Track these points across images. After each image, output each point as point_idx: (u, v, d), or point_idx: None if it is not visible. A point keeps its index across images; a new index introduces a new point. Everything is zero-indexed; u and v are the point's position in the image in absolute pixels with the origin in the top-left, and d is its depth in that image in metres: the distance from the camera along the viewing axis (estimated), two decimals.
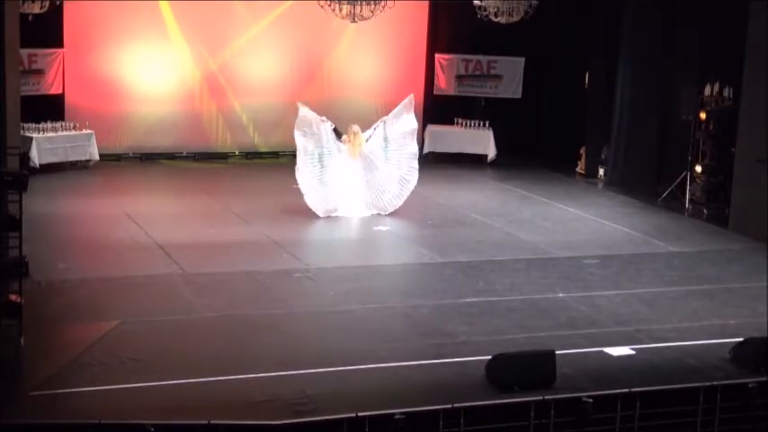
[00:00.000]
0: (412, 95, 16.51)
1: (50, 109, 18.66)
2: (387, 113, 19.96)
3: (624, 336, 10.90)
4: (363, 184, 15.83)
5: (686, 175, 17.29)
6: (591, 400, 8.89)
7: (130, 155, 19.77)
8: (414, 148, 16.18)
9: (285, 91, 20.41)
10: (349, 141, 15.69)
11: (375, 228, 15.37)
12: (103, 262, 12.99)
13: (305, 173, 15.51)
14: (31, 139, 17.69)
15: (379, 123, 15.97)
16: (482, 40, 20.75)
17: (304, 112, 15.67)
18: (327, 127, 15.64)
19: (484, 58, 21.33)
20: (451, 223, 15.82)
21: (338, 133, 15.72)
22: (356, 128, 15.82)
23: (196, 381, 9.27)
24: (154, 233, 14.25)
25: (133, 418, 8.28)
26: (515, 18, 17.88)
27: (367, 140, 15.79)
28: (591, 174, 19.63)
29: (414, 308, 11.65)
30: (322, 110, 19.83)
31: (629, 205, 17.46)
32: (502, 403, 8.89)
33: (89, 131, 18.64)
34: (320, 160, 15.56)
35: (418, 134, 20.78)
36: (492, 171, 20.11)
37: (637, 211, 17.10)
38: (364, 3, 16.68)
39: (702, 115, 17.04)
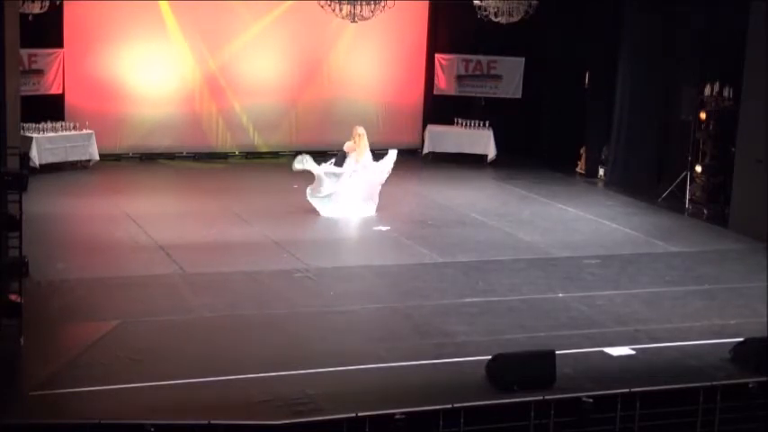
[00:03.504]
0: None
1: (50, 109, 18.64)
2: (386, 114, 20.24)
3: (624, 336, 10.91)
4: (363, 183, 15.86)
5: (686, 175, 17.28)
6: (591, 400, 8.89)
7: (130, 155, 19.76)
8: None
9: (285, 91, 20.42)
10: (353, 142, 15.73)
11: (375, 228, 15.37)
12: (103, 262, 12.99)
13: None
14: (31, 139, 17.67)
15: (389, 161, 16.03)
16: (482, 40, 20.76)
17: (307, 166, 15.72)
18: (329, 167, 15.68)
19: (484, 58, 21.32)
20: (451, 223, 15.81)
21: (341, 156, 15.77)
22: (361, 130, 15.84)
23: (196, 381, 9.27)
24: (154, 233, 14.24)
25: (133, 418, 8.29)
26: (515, 18, 17.86)
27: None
28: (591, 174, 19.62)
29: (414, 308, 11.65)
30: (322, 110, 20.11)
31: (630, 205, 17.45)
32: (502, 403, 8.90)
33: (89, 131, 18.62)
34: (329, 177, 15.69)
35: (418, 134, 20.94)
36: (492, 171, 20.10)
37: (637, 211, 17.09)
38: (364, 3, 16.66)
39: (702, 115, 17.03)
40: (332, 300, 11.93)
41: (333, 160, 15.89)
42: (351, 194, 15.77)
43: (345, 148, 15.84)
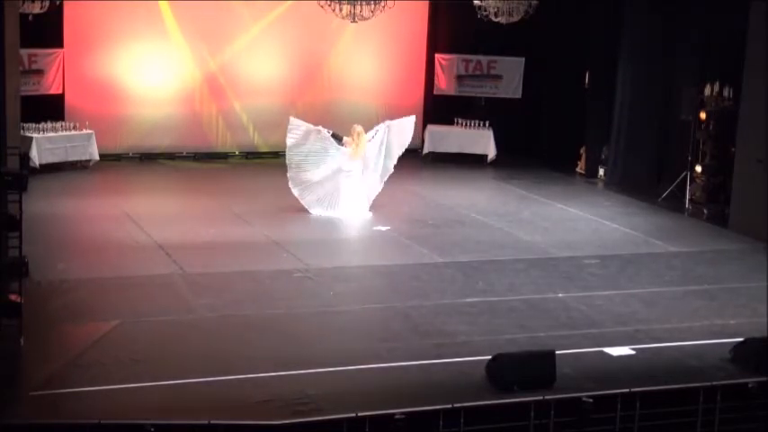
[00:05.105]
0: (414, 117, 16.53)
1: (50, 109, 18.64)
2: (386, 114, 20.14)
3: (624, 336, 10.91)
4: (362, 182, 15.88)
5: (686, 175, 17.29)
6: (591, 400, 8.89)
7: (130, 155, 19.77)
8: (391, 166, 16.17)
9: (285, 91, 20.43)
10: (353, 142, 15.72)
11: (375, 228, 15.37)
12: (103, 262, 12.99)
13: (298, 173, 15.61)
14: (31, 139, 17.67)
15: (383, 127, 16.00)
16: (482, 40, 20.76)
17: (297, 122, 15.74)
18: (324, 134, 15.66)
19: (484, 58, 21.33)
20: (451, 223, 15.82)
21: (337, 137, 15.74)
22: (359, 128, 15.84)
23: (196, 381, 9.27)
24: (154, 233, 14.25)
25: (133, 418, 8.28)
26: (515, 18, 17.88)
27: (370, 140, 15.84)
28: (591, 174, 19.62)
29: (414, 308, 11.65)
30: (322, 110, 20.01)
31: (630, 205, 17.46)
32: (502, 403, 8.90)
33: (89, 131, 18.63)
34: (314, 161, 15.61)
35: (418, 134, 20.91)
36: (492, 171, 20.11)
37: (637, 211, 17.10)
38: (364, 3, 16.68)
39: (702, 115, 17.04)
40: (332, 300, 11.93)
41: (330, 132, 15.85)
42: (347, 194, 15.76)
43: (344, 141, 15.81)
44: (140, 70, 19.51)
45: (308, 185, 15.71)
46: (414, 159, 20.15)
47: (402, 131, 16.21)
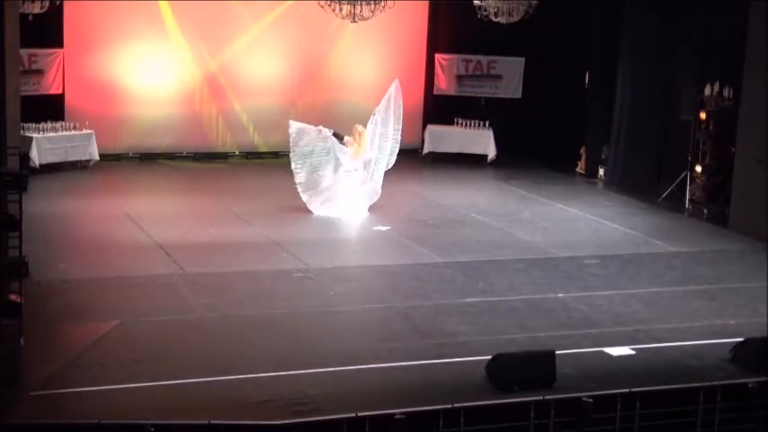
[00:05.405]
0: (397, 81, 16.47)
1: (50, 109, 18.63)
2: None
3: (624, 336, 10.91)
4: (363, 181, 15.87)
5: (686, 175, 17.29)
6: (591, 400, 8.89)
7: (130, 155, 19.76)
8: (399, 135, 16.19)
9: (285, 91, 20.43)
10: (355, 142, 15.71)
11: (375, 228, 15.37)
12: (103, 262, 12.99)
13: (301, 173, 15.62)
14: (31, 139, 17.67)
15: (376, 117, 15.95)
16: (482, 40, 20.76)
17: (296, 124, 15.76)
18: (326, 133, 15.67)
19: (484, 58, 21.33)
20: (451, 223, 15.82)
21: (339, 137, 15.74)
22: (361, 128, 15.83)
23: (196, 381, 9.28)
24: (154, 233, 14.25)
25: (133, 418, 8.29)
26: (515, 18, 17.89)
27: (371, 137, 15.83)
28: (591, 174, 19.62)
29: (414, 308, 11.65)
30: (322, 110, 20.02)
31: (629, 205, 17.46)
32: (502, 403, 8.90)
33: (89, 131, 18.62)
34: (318, 162, 15.62)
35: (418, 134, 20.93)
36: (492, 171, 20.11)
37: (637, 211, 17.10)
38: (364, 3, 16.69)
39: (702, 115, 17.04)
40: (332, 300, 11.93)
41: (332, 131, 15.84)
42: (347, 194, 15.77)
43: (345, 140, 15.81)
44: (140, 70, 19.51)
45: (315, 191, 15.71)
46: (414, 159, 20.17)
47: (391, 102, 16.12)
